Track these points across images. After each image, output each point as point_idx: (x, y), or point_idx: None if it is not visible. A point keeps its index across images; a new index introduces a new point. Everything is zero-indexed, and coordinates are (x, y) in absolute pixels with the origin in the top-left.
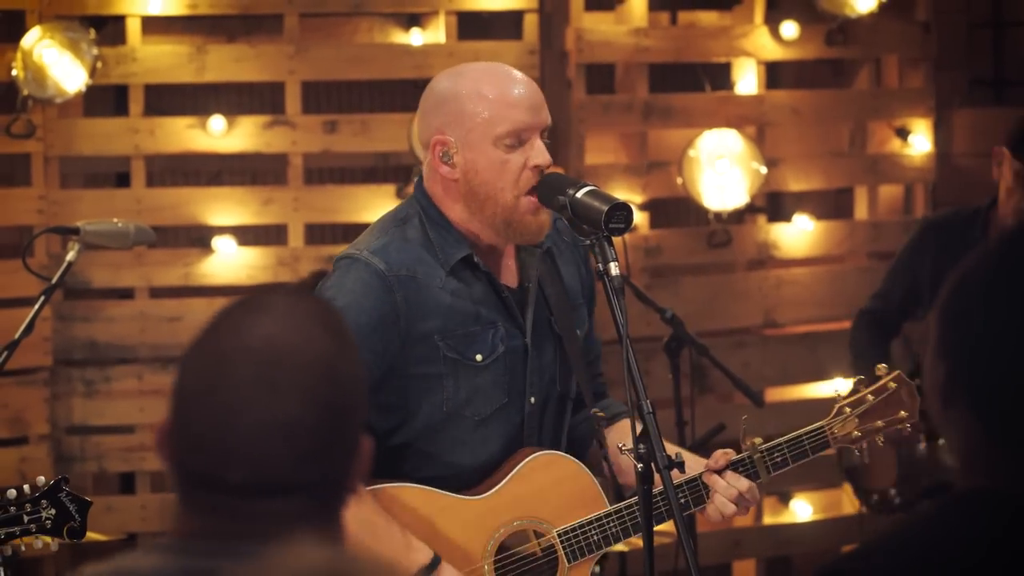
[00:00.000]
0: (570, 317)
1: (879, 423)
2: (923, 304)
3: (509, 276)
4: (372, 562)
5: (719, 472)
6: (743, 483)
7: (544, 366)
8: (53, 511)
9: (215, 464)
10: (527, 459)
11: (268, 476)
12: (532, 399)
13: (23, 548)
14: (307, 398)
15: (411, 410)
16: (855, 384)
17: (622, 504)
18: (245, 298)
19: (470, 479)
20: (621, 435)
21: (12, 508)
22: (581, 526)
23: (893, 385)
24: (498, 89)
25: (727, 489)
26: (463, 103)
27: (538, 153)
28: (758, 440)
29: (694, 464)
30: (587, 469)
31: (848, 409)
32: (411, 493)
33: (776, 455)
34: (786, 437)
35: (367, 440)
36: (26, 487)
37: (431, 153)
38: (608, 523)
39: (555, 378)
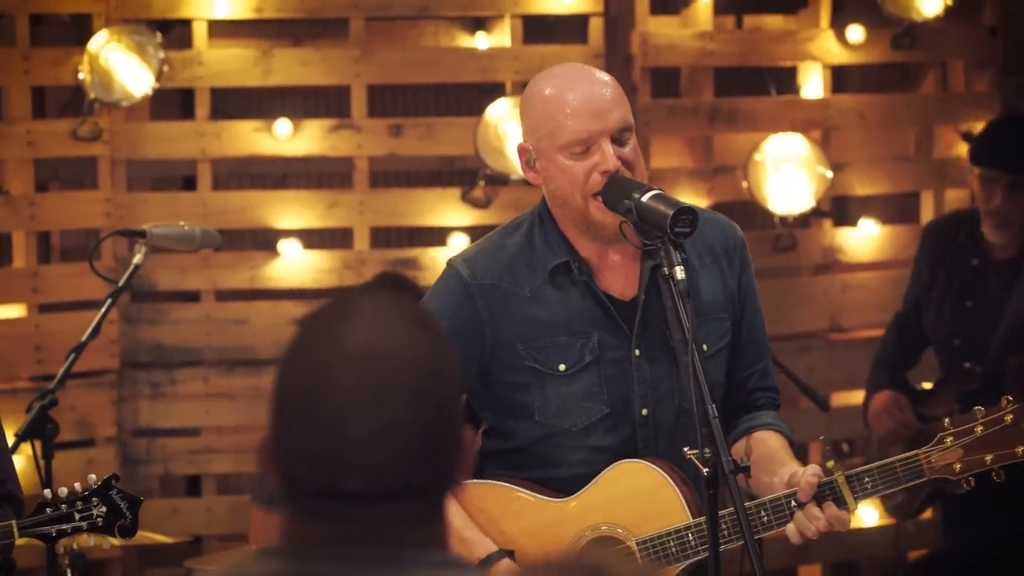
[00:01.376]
0: (694, 331)
1: (987, 457)
2: (927, 305)
3: (623, 286)
4: None
5: (803, 504)
6: (831, 510)
7: (658, 378)
8: (104, 508)
9: (328, 475)
10: (612, 466)
11: (384, 481)
12: (644, 411)
13: (75, 546)
14: (411, 399)
15: (507, 417)
16: (971, 414)
17: (702, 518)
18: (332, 304)
19: (581, 485)
20: (747, 447)
21: (64, 506)
22: (660, 537)
23: (1010, 418)
24: (564, 96)
25: (806, 526)
26: (535, 112)
27: (606, 159)
28: (830, 464)
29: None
30: (672, 480)
31: (950, 439)
32: (496, 490)
33: (866, 481)
34: (878, 463)
35: (470, 432)
36: (77, 485)
37: (520, 160)
38: (687, 535)
39: (673, 391)
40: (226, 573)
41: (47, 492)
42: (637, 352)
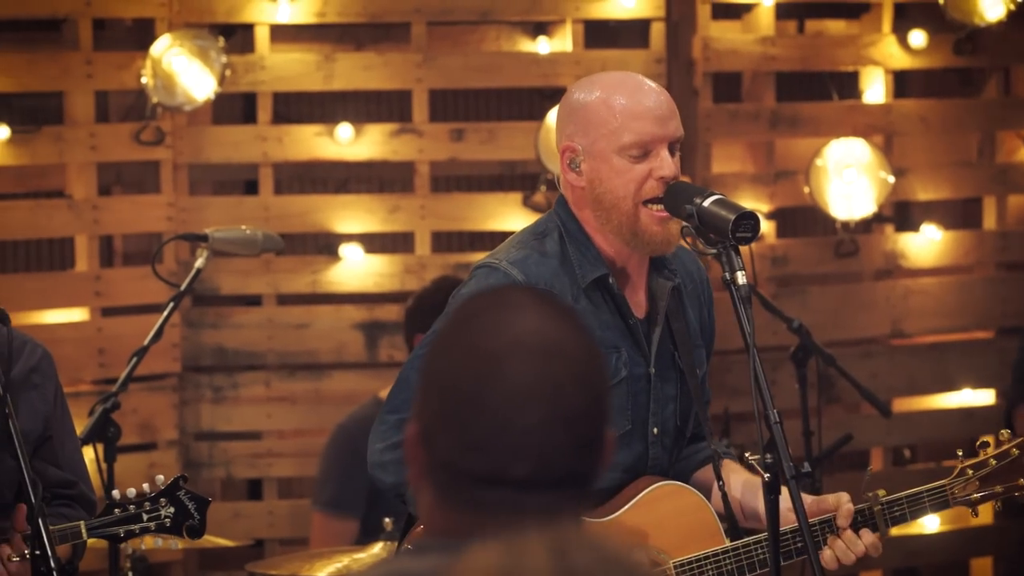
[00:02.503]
0: (691, 355)
1: (998, 487)
2: None
3: (637, 305)
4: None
5: (842, 529)
6: (868, 537)
7: (667, 397)
8: (172, 509)
9: (498, 462)
10: (651, 487)
11: (554, 468)
12: (656, 429)
13: (143, 547)
14: (584, 388)
15: None
16: (978, 447)
17: (739, 542)
18: (488, 298)
19: (593, 502)
20: (728, 473)
21: (132, 507)
22: (698, 560)
23: (1016, 452)
24: (626, 99)
25: (846, 553)
26: (591, 112)
27: (664, 165)
28: (882, 492)
29: (816, 513)
30: (709, 504)
31: (970, 471)
32: None
33: (895, 510)
34: (907, 493)
35: (611, 430)
36: (145, 486)
37: (560, 159)
38: (725, 560)
39: (675, 411)
40: (386, 571)
41: (115, 493)
42: (653, 371)
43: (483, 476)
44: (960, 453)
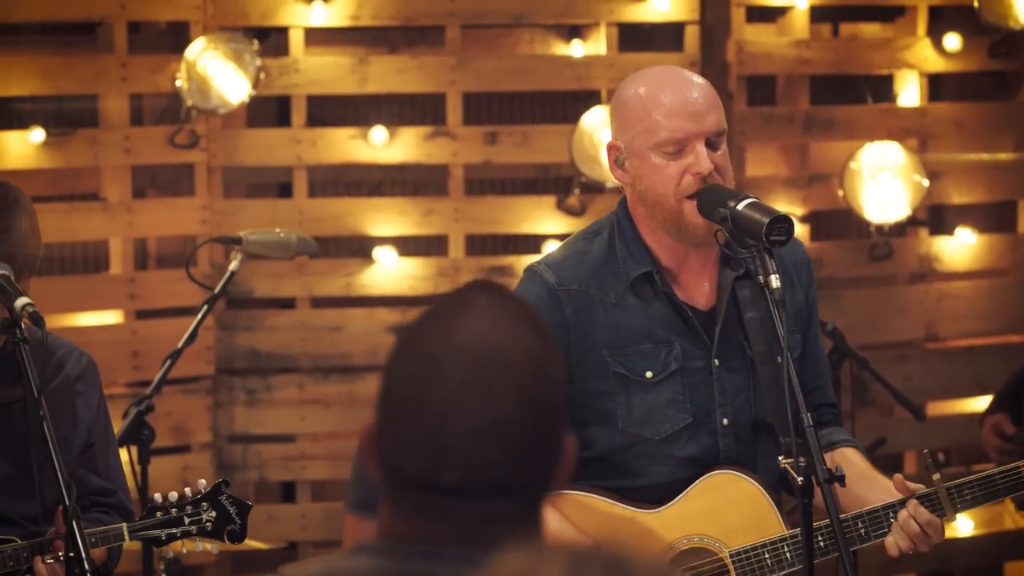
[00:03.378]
0: (767, 344)
1: None
2: None
3: (701, 295)
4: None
5: (902, 503)
6: (923, 515)
7: (736, 387)
8: (214, 514)
9: (429, 466)
10: (704, 476)
11: (483, 477)
12: (725, 420)
13: (184, 550)
14: (520, 397)
15: (589, 425)
16: None
17: (797, 529)
18: (446, 300)
19: (661, 495)
20: (834, 462)
21: (173, 510)
22: (755, 548)
23: None
24: (661, 96)
25: (907, 522)
26: (629, 110)
27: (700, 161)
28: (936, 477)
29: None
30: (766, 491)
31: None
32: (588, 501)
33: (966, 493)
34: (978, 475)
35: (571, 439)
36: (187, 490)
37: (608, 157)
38: (783, 547)
39: (749, 401)
40: (319, 569)
41: (157, 496)
42: (716, 362)
43: (415, 479)
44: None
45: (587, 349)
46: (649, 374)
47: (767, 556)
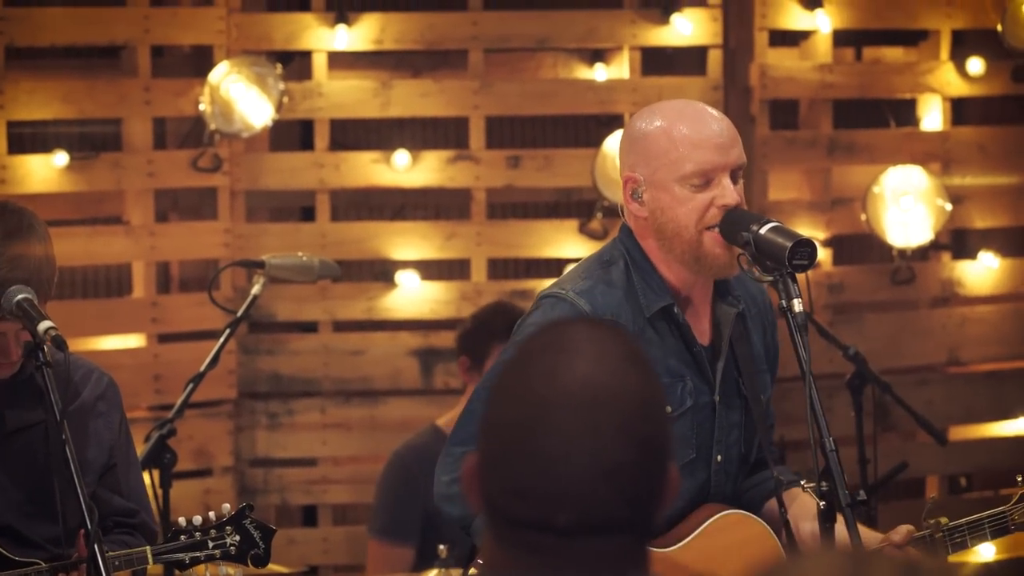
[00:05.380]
0: (755, 381)
1: None
2: None
3: (701, 333)
4: None
5: (899, 548)
6: None
7: (731, 425)
8: (238, 537)
9: (542, 510)
10: (716, 516)
11: (597, 518)
12: (719, 457)
13: (208, 575)
14: (628, 438)
15: None
16: None
17: None
18: (546, 335)
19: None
20: (792, 501)
21: (198, 534)
22: None
23: None
24: (687, 129)
25: None
26: (651, 142)
27: (726, 193)
28: (944, 520)
29: (871, 540)
30: (773, 532)
31: None
32: None
33: (956, 536)
34: (967, 519)
35: (675, 468)
36: (211, 514)
37: (623, 190)
38: None
39: (739, 439)
40: None
41: (181, 520)
42: (718, 399)
43: (526, 521)
44: (1020, 479)
45: None
46: (669, 409)
47: None
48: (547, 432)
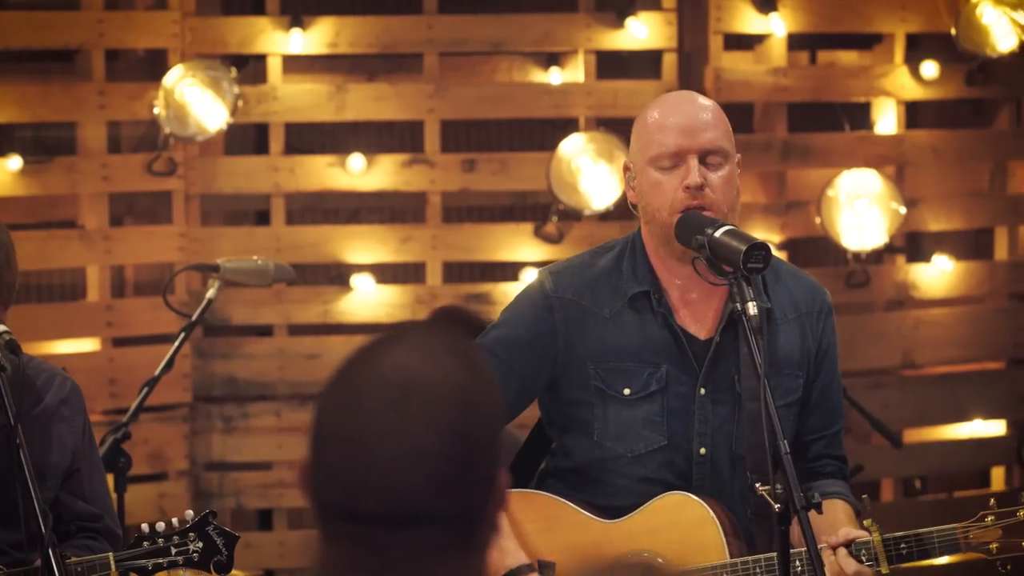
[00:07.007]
0: (764, 382)
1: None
2: None
3: (703, 324)
4: None
5: (833, 549)
6: (851, 566)
7: (719, 420)
8: (200, 544)
9: (349, 494)
10: (662, 495)
11: (402, 505)
12: (703, 450)
13: None
14: (439, 427)
15: (567, 432)
16: (1018, 496)
17: (738, 559)
18: (386, 333)
19: (625, 513)
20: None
21: (160, 540)
22: (696, 572)
23: None
24: (657, 113)
25: (831, 566)
26: (636, 130)
27: (690, 174)
28: (867, 522)
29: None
30: (717, 518)
31: (991, 518)
32: (548, 503)
33: (903, 547)
34: (916, 531)
35: (505, 474)
36: (174, 520)
37: (624, 177)
38: (722, 574)
39: (731, 435)
40: None
41: (144, 526)
42: (702, 391)
43: (337, 508)
44: (993, 503)
45: (573, 358)
46: (627, 391)
47: None
48: (357, 415)
